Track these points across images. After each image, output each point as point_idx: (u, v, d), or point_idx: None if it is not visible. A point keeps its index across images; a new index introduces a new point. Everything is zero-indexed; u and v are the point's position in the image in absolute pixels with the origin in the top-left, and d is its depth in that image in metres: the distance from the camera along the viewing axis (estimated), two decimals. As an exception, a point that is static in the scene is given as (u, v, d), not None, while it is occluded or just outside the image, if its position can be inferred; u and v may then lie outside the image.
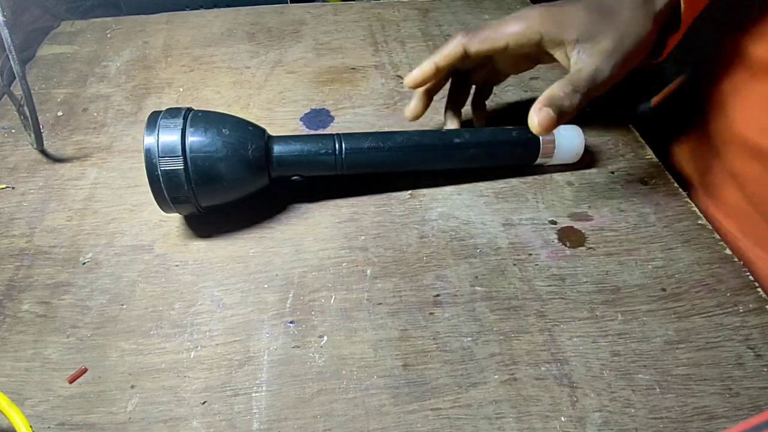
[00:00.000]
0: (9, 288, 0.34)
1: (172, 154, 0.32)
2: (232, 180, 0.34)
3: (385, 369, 0.30)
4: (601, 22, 0.35)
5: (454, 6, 0.62)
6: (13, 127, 0.45)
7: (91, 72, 0.51)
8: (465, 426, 0.28)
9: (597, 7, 0.36)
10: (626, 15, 0.35)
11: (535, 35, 0.36)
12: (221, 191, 0.35)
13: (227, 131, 0.34)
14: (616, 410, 0.29)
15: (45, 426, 0.28)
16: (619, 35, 0.35)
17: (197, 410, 0.29)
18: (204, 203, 0.35)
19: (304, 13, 0.60)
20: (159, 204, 0.34)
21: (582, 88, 0.35)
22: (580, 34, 0.35)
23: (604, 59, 0.35)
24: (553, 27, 0.36)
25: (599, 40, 0.35)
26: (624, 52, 0.35)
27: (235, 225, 0.38)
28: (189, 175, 0.32)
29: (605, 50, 0.35)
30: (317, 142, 0.36)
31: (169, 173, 0.32)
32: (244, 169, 0.34)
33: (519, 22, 0.36)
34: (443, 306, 0.33)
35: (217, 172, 0.33)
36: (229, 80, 0.50)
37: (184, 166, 0.32)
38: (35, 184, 0.40)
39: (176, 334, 0.32)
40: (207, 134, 0.33)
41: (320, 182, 0.41)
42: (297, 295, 0.34)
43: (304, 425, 0.28)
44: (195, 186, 0.33)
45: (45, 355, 0.31)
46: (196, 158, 0.32)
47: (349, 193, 0.40)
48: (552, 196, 0.40)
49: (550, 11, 0.36)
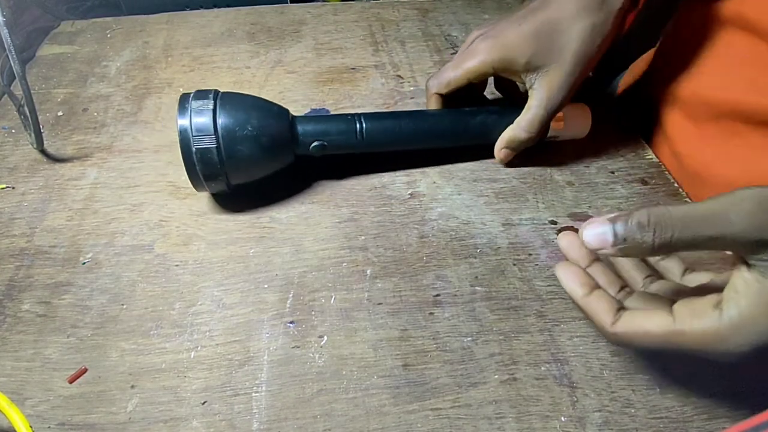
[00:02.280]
0: (9, 288, 0.34)
1: (206, 133, 0.34)
2: (260, 157, 0.36)
3: (385, 369, 0.30)
4: (547, 51, 0.36)
5: (454, 6, 0.62)
6: (13, 127, 0.45)
7: (91, 72, 0.51)
8: (465, 426, 0.28)
9: (545, 29, 0.36)
10: (574, 35, 0.36)
11: (488, 68, 0.38)
12: (250, 168, 0.37)
13: (254, 111, 0.36)
14: (616, 410, 0.29)
15: (45, 426, 0.28)
16: (567, 61, 0.36)
17: (197, 410, 0.29)
18: (234, 180, 0.36)
19: (304, 13, 0.60)
20: (192, 182, 0.36)
21: (536, 123, 0.38)
22: (526, 65, 0.37)
23: (555, 89, 0.37)
24: (502, 61, 0.37)
25: (547, 71, 0.37)
26: (574, 75, 0.36)
27: (236, 225, 0.38)
28: (221, 153, 0.34)
29: (553, 81, 0.37)
30: (339, 121, 0.39)
31: (202, 151, 0.34)
32: (271, 147, 0.36)
33: (472, 58, 0.38)
34: (443, 306, 0.33)
35: (246, 149, 0.35)
36: (229, 80, 0.50)
37: (216, 144, 0.34)
38: (35, 184, 0.40)
39: (176, 334, 0.32)
40: (236, 114, 0.35)
41: (321, 181, 0.41)
42: (297, 295, 0.34)
43: (304, 425, 0.28)
44: (226, 163, 0.35)
45: (45, 355, 0.31)
46: (227, 137, 0.34)
47: (350, 193, 0.40)
48: (552, 196, 0.40)
49: (498, 42, 0.38)
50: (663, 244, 0.22)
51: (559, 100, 0.37)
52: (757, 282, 0.21)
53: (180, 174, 0.41)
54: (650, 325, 0.24)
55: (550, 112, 0.38)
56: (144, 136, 0.45)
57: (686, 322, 0.23)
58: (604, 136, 0.45)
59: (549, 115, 0.38)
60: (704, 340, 0.23)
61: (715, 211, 0.21)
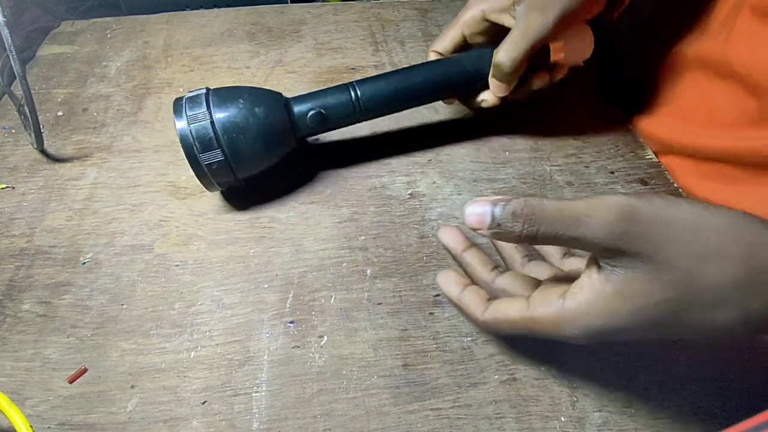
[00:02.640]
0: (9, 288, 0.34)
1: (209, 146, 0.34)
2: (263, 147, 0.36)
3: (385, 369, 0.30)
4: None
5: (453, 6, 0.61)
6: (13, 127, 0.45)
7: (91, 72, 0.51)
8: (465, 426, 0.28)
9: None
10: None
11: (479, 13, 0.39)
12: (255, 160, 0.36)
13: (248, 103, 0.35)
14: (616, 410, 0.29)
15: (45, 426, 0.28)
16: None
17: (197, 410, 0.29)
18: (242, 175, 0.36)
19: (304, 13, 0.60)
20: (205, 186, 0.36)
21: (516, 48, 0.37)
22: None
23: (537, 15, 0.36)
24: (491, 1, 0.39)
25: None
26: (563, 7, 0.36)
27: (236, 225, 0.38)
28: (228, 159, 0.34)
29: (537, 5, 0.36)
30: (332, 90, 0.38)
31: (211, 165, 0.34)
32: (272, 133, 0.36)
33: (464, 11, 0.41)
34: (443, 306, 0.33)
35: (249, 142, 0.35)
36: (229, 80, 0.50)
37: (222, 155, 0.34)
38: (35, 184, 0.40)
39: (176, 334, 0.32)
40: (231, 110, 0.35)
41: (321, 181, 0.41)
42: (297, 295, 0.34)
43: (304, 425, 0.28)
44: (233, 165, 0.35)
45: (45, 355, 0.31)
46: (229, 138, 0.34)
47: (350, 193, 0.40)
48: (552, 196, 0.40)
49: None
50: (528, 237, 0.23)
51: (541, 25, 0.36)
52: (599, 283, 0.23)
53: (180, 174, 0.41)
54: (511, 311, 0.26)
55: (531, 37, 0.36)
56: (144, 136, 0.45)
57: (537, 309, 0.25)
58: (605, 136, 0.45)
59: (530, 41, 0.36)
60: (548, 326, 0.25)
61: (581, 214, 0.22)
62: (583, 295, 0.23)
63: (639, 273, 0.22)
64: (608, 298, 0.23)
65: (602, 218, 0.22)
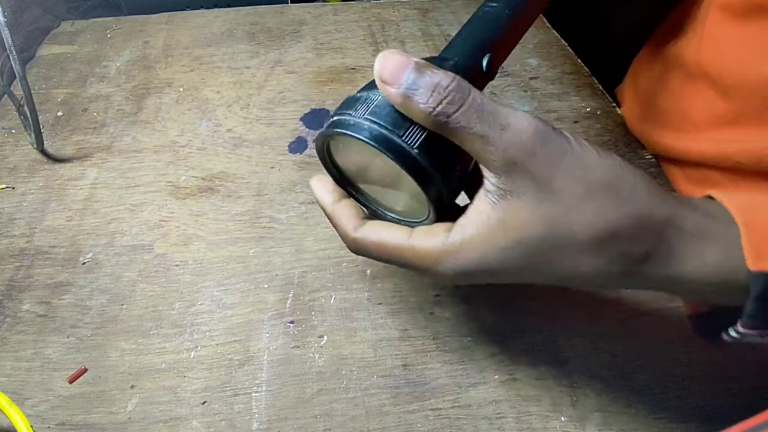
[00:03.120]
0: (9, 288, 0.34)
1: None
2: None
3: (385, 369, 0.30)
4: None
5: (454, 6, 0.62)
6: (13, 127, 0.45)
7: (91, 72, 0.51)
8: (465, 426, 0.28)
9: None
10: None
11: None
12: None
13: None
14: (616, 410, 0.29)
15: (45, 426, 0.28)
16: None
17: (197, 410, 0.29)
18: None
19: (304, 13, 0.60)
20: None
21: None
22: None
23: None
24: None
25: None
26: None
27: (236, 225, 0.38)
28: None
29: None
30: None
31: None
32: None
33: None
34: (443, 306, 0.33)
35: None
36: (229, 80, 0.50)
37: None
38: (35, 184, 0.40)
39: (176, 334, 0.32)
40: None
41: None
42: (297, 295, 0.34)
43: (304, 425, 0.28)
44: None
45: (45, 355, 0.31)
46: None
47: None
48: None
49: None
50: (438, 115, 0.20)
51: None
52: (485, 213, 0.21)
53: (180, 174, 0.41)
54: (387, 236, 0.24)
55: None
56: (144, 136, 0.45)
57: (418, 239, 0.23)
58: (604, 136, 0.45)
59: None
60: (424, 259, 0.23)
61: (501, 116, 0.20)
62: (469, 230, 0.22)
63: (525, 201, 0.21)
64: (491, 229, 0.21)
65: (518, 127, 0.20)
